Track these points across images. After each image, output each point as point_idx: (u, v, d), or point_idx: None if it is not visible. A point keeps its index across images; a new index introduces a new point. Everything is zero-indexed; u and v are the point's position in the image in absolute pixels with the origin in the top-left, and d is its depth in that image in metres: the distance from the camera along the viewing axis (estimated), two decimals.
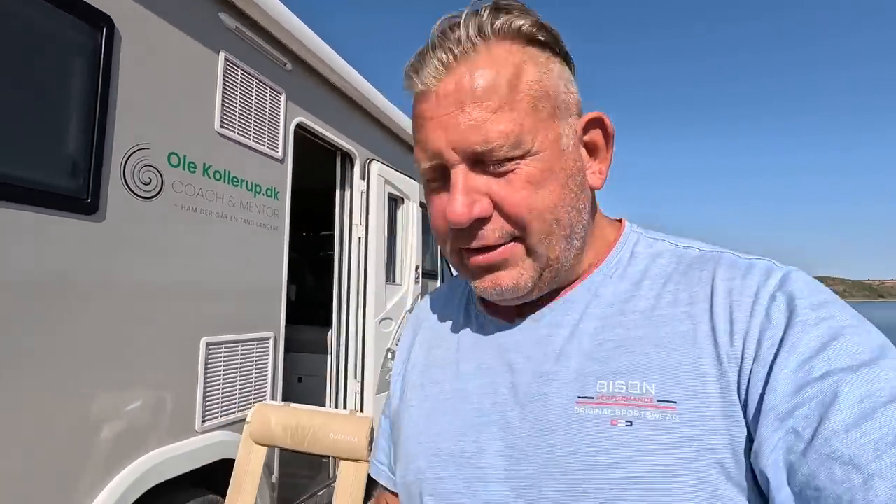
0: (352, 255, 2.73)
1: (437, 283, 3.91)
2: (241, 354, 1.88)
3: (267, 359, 2.01)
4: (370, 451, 1.53)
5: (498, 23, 0.45)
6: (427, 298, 0.70)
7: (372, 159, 2.86)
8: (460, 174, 0.45)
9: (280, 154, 2.12)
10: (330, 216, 2.84)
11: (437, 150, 0.46)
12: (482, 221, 0.46)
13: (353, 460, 1.50)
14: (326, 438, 1.53)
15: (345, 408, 2.68)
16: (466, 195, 0.45)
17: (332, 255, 2.81)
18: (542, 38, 0.48)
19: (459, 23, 0.46)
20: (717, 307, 0.43)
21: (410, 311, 3.08)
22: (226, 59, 1.83)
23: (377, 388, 2.69)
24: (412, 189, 3.24)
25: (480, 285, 0.50)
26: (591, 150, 0.51)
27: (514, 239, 0.47)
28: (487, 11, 0.46)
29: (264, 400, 1.97)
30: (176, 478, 1.56)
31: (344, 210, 2.76)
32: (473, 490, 0.47)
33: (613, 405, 0.43)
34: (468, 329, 0.58)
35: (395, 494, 0.63)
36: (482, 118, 0.44)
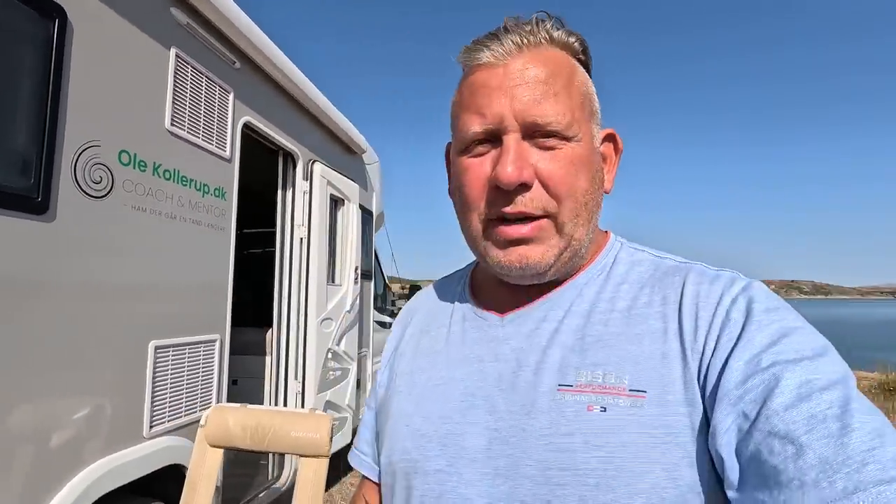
0: (293, 256, 2.73)
1: (371, 284, 3.97)
2: (189, 358, 1.85)
3: (213, 361, 1.98)
4: (330, 447, 1.60)
5: (557, 33, 0.53)
6: (419, 294, 0.74)
7: (314, 160, 2.87)
8: (514, 140, 0.49)
9: (228, 154, 2.10)
10: (256, 213, 2.80)
11: (499, 116, 0.49)
12: (523, 188, 0.49)
13: (314, 457, 1.57)
14: (288, 437, 1.57)
15: (286, 407, 2.67)
16: (519, 158, 0.48)
17: (259, 253, 2.79)
18: (583, 58, 0.55)
19: (529, 21, 0.53)
20: (686, 308, 0.48)
21: (350, 311, 3.13)
22: (177, 56, 1.78)
23: (318, 388, 2.72)
24: (352, 191, 3.28)
25: (506, 258, 0.52)
26: (603, 160, 0.57)
27: (545, 216, 0.50)
28: (550, 22, 0.53)
29: (210, 404, 1.95)
30: (121, 485, 1.52)
31: (285, 210, 2.75)
32: (457, 469, 0.50)
33: (590, 392, 0.46)
34: (459, 321, 0.61)
35: (377, 484, 0.65)
36: (545, 97, 0.49)
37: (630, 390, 0.45)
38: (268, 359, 2.82)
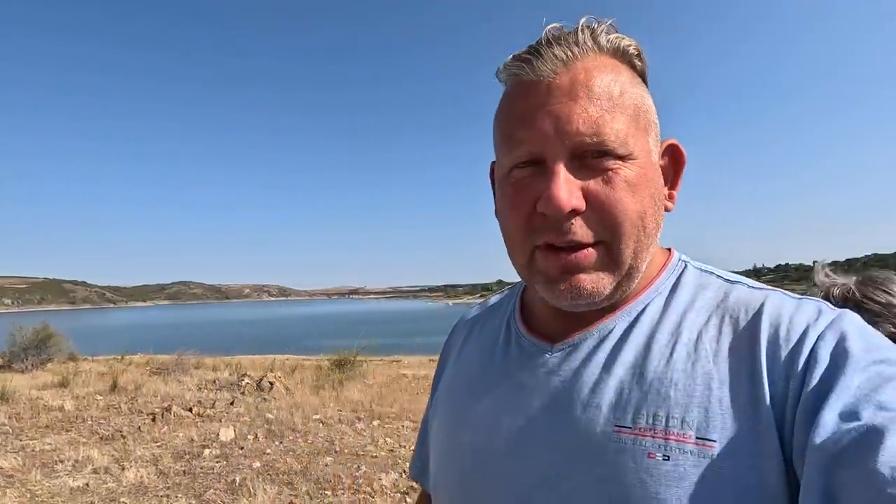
0: None
1: None
2: None
3: None
4: None
5: (611, 37, 0.48)
6: (476, 307, 0.71)
7: None
8: (561, 164, 0.45)
9: None
10: None
11: (543, 139, 0.45)
12: (573, 215, 0.45)
13: None
14: None
15: None
16: (567, 183, 0.44)
17: None
18: (638, 65, 0.50)
19: (575, 29, 0.48)
20: (763, 344, 0.43)
21: None
22: None
23: None
24: None
25: (556, 289, 0.48)
26: (664, 174, 0.52)
27: (598, 242, 0.46)
28: (602, 26, 0.48)
29: None
30: None
31: None
32: None
33: (651, 437, 0.42)
34: (507, 347, 0.58)
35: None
36: (596, 114, 0.44)
37: (697, 438, 0.41)
38: None
